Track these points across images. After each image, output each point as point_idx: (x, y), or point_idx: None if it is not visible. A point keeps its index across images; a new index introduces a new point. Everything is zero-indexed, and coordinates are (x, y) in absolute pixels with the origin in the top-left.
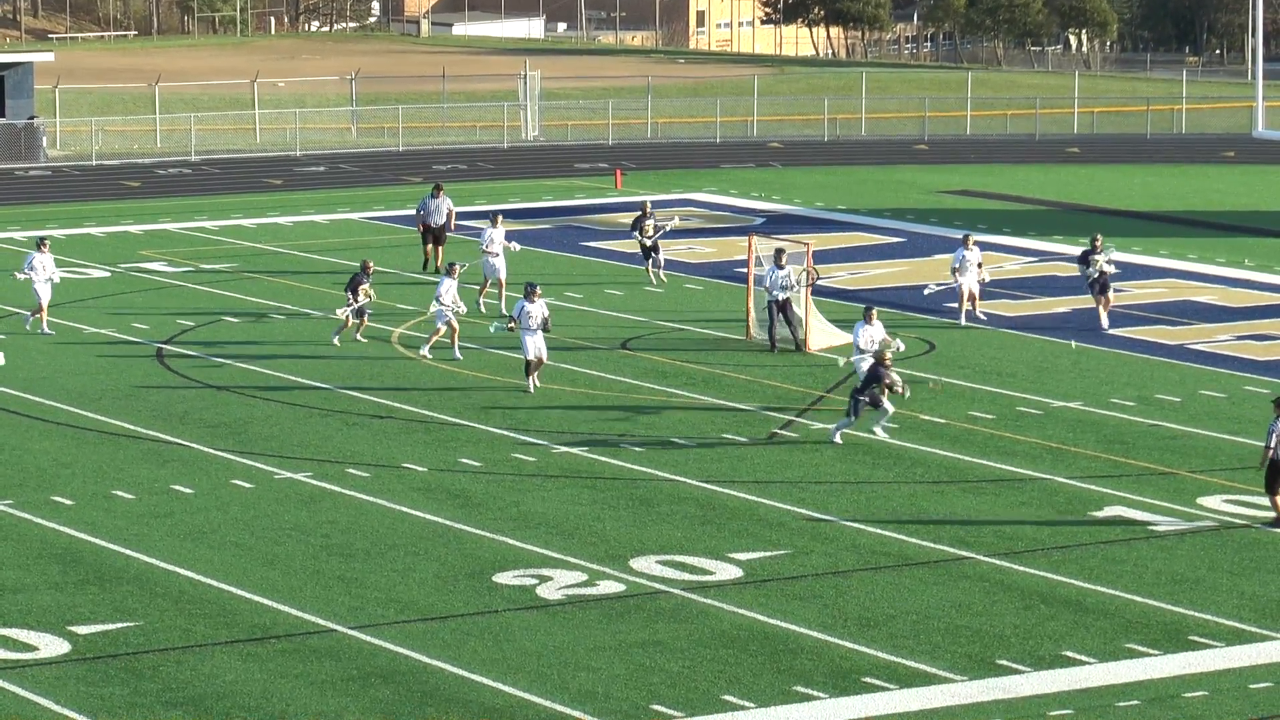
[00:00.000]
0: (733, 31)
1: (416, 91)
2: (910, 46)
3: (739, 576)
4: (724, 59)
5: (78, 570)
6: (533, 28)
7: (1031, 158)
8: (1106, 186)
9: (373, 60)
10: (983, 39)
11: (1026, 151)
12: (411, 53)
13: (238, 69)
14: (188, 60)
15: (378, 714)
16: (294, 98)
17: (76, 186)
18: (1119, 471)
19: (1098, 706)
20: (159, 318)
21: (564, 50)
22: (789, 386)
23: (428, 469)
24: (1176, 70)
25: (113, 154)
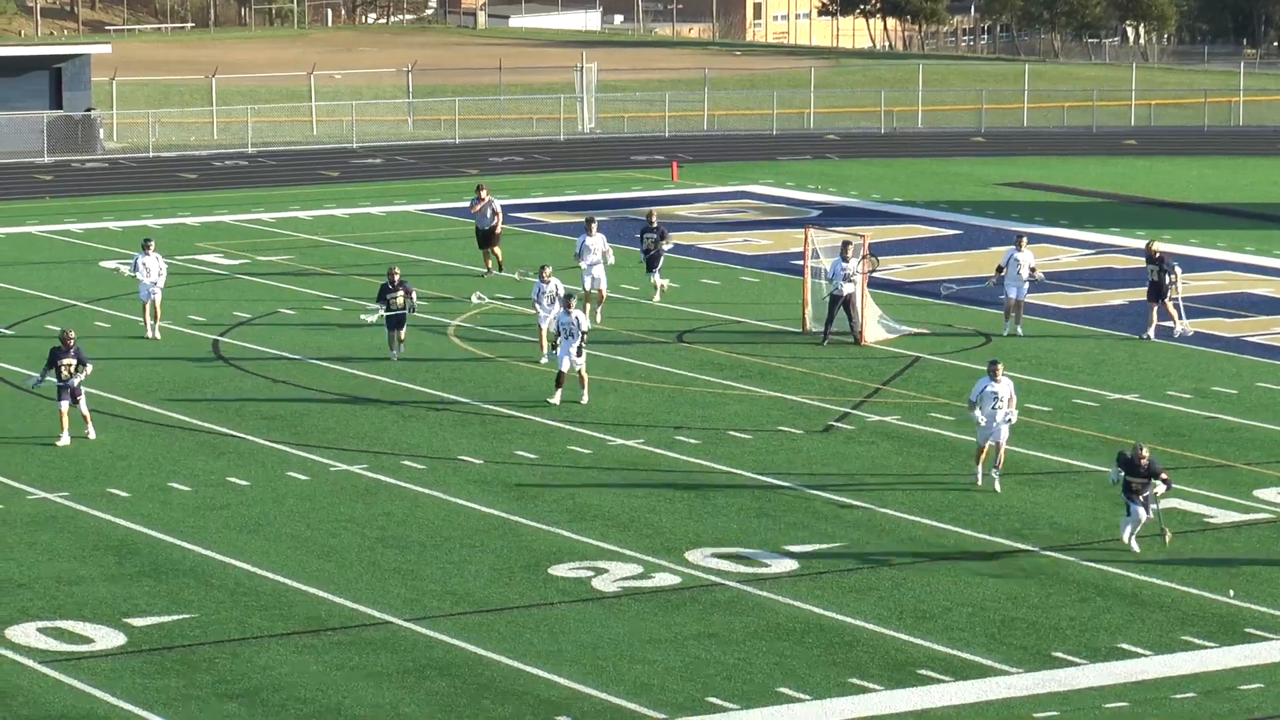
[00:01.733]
0: (789, 23)
1: (473, 84)
2: (967, 39)
3: (794, 569)
4: (780, 51)
5: (133, 562)
6: (589, 20)
7: (1088, 150)
8: (1164, 179)
9: (429, 53)
10: (1040, 31)
11: (1083, 144)
12: (468, 45)
13: (294, 61)
14: (244, 52)
15: (434, 706)
16: (350, 90)
17: (133, 178)
18: (1175, 464)
19: (1153, 699)
20: (215, 309)
21: (620, 42)
22: (845, 379)
23: (484, 461)
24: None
25: (169, 146)
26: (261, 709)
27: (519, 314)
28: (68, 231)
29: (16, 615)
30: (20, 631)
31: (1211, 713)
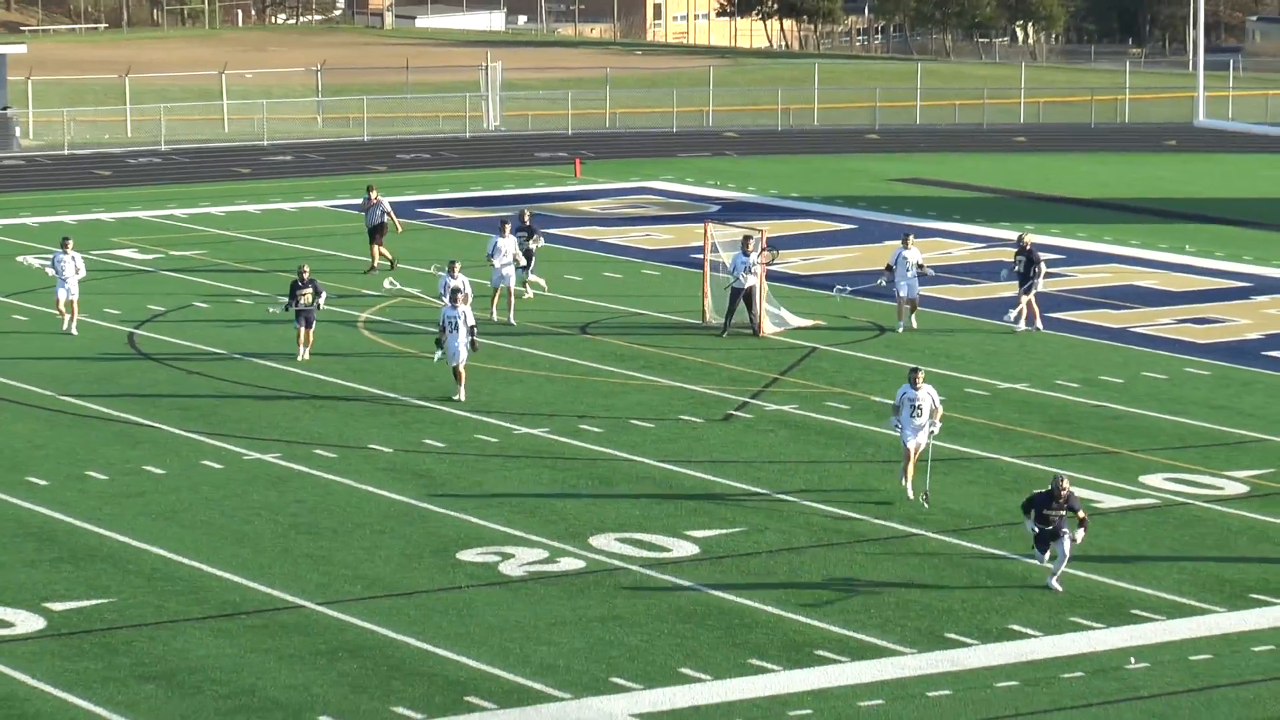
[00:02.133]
0: (689, 24)
1: (381, 83)
2: (862, 39)
3: (696, 553)
4: (680, 51)
5: (52, 548)
6: (494, 20)
7: (979, 147)
8: (1052, 174)
9: (338, 52)
10: (932, 31)
11: (975, 140)
12: (375, 45)
13: (206, 60)
14: (157, 52)
15: (346, 687)
16: (261, 89)
17: (49, 175)
18: (1064, 451)
19: (1043, 678)
20: (130, 303)
21: (524, 42)
22: (744, 369)
23: (393, 450)
24: (1120, 61)
25: (84, 144)
26: (179, 690)
27: (429, 305)
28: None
29: None
30: None
31: (1099, 691)
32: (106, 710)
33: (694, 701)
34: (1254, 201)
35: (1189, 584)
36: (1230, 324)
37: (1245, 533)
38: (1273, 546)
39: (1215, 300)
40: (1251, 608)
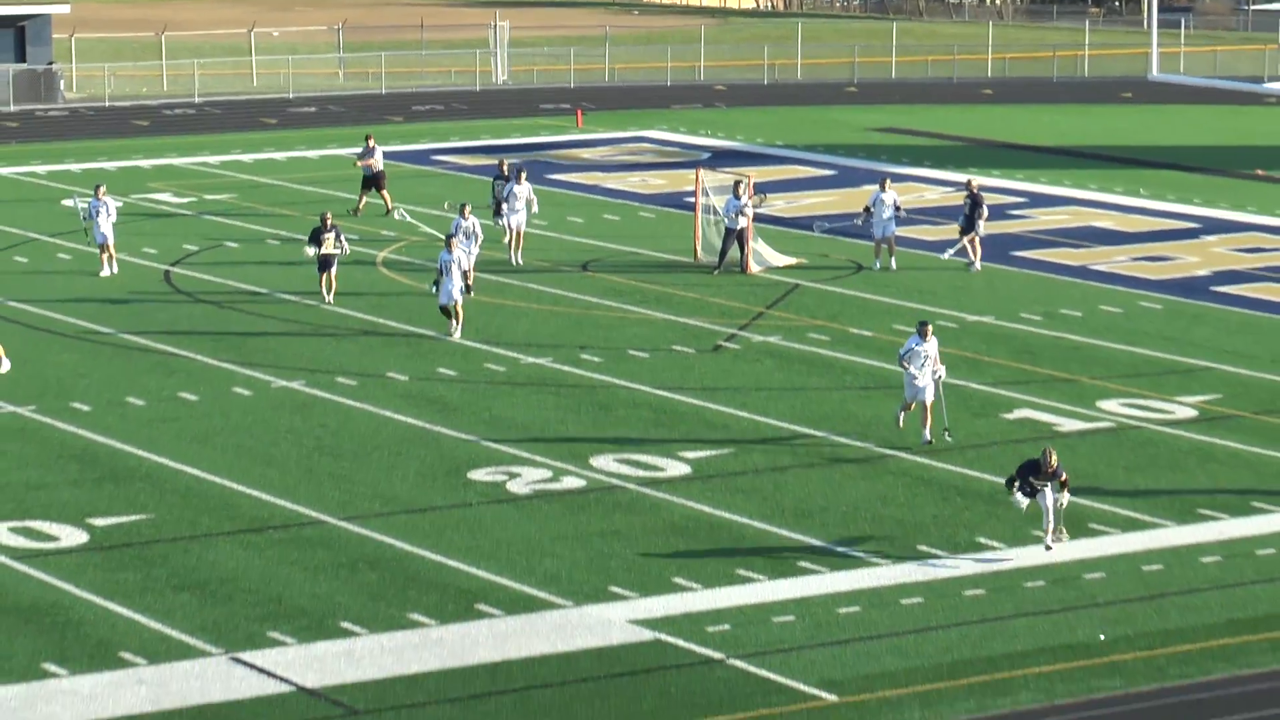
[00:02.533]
0: None
1: (397, 40)
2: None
3: (688, 473)
4: (674, 11)
5: (95, 469)
6: None
7: (950, 99)
8: (1017, 124)
9: (358, 11)
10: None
11: (945, 93)
12: (393, 5)
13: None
14: (191, 12)
15: (365, 596)
16: (287, 45)
17: (91, 125)
18: (1027, 379)
19: (1007, 586)
20: (166, 243)
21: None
22: (732, 304)
23: (409, 378)
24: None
25: (123, 96)
26: (211, 599)
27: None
28: (33, 173)
29: None
30: None
31: (1059, 599)
32: (145, 617)
33: (686, 609)
34: (1202, 149)
35: (1142, 501)
36: (1181, 261)
37: (1194, 453)
38: (1219, 466)
39: (1167, 240)
40: (1199, 522)
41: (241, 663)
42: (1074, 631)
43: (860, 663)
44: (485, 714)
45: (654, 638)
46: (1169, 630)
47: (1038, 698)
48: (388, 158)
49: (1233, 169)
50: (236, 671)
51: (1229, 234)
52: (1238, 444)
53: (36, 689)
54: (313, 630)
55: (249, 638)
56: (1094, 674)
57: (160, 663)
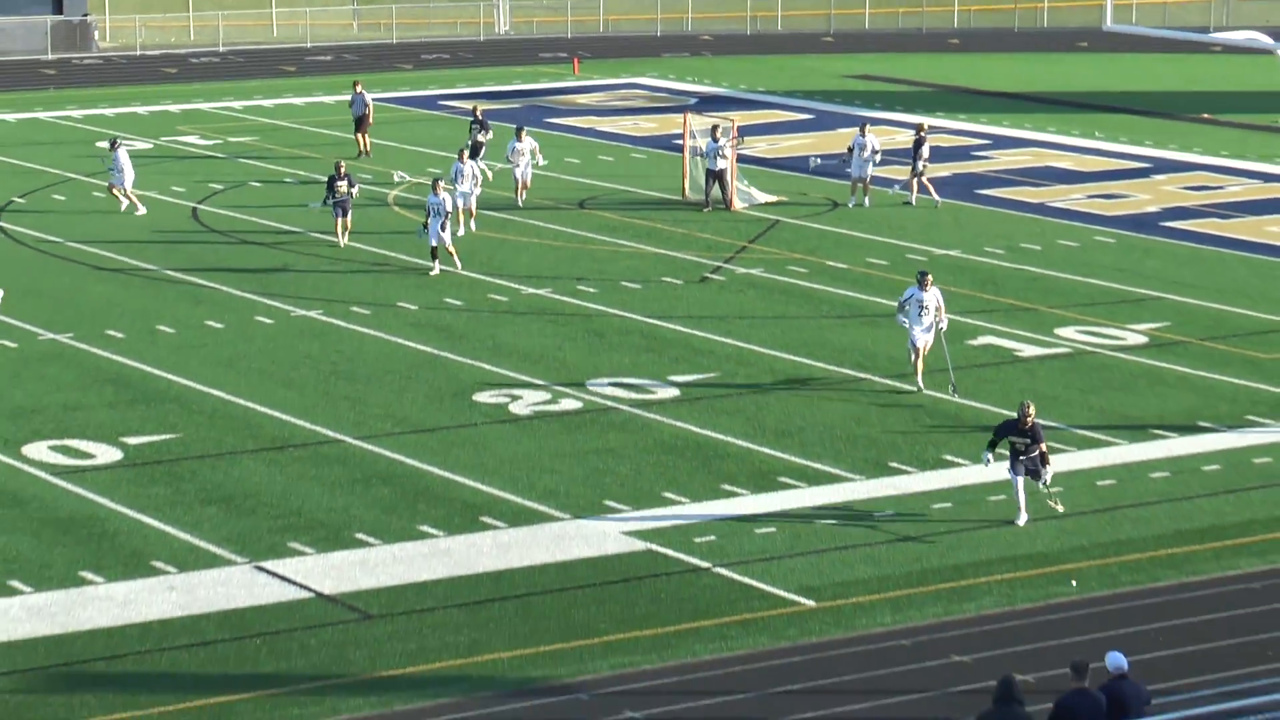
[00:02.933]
0: None
1: None
2: None
3: (676, 395)
4: None
5: (128, 391)
6: None
7: (919, 48)
8: (981, 72)
9: None
10: None
11: (915, 42)
12: None
13: None
14: None
15: (378, 509)
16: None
17: (123, 73)
18: (990, 308)
19: (972, 500)
20: (193, 182)
21: None
22: (717, 238)
23: (418, 307)
24: None
25: (153, 45)
26: (236, 512)
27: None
28: (69, 117)
29: (30, 435)
30: (34, 449)
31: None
32: (174, 529)
33: (675, 521)
34: (1153, 94)
35: (1097, 420)
36: (1133, 199)
37: (1144, 377)
38: (1168, 388)
39: (1120, 179)
40: (1149, 440)
41: (264, 571)
42: (1033, 542)
43: (836, 571)
44: (489, 618)
45: (645, 548)
46: (1121, 540)
47: (1000, 603)
48: (400, 104)
49: (1181, 113)
50: (259, 579)
51: (1178, 173)
52: (1185, 368)
53: (75, 595)
54: (330, 541)
55: (271, 548)
56: (1051, 581)
57: (189, 571)
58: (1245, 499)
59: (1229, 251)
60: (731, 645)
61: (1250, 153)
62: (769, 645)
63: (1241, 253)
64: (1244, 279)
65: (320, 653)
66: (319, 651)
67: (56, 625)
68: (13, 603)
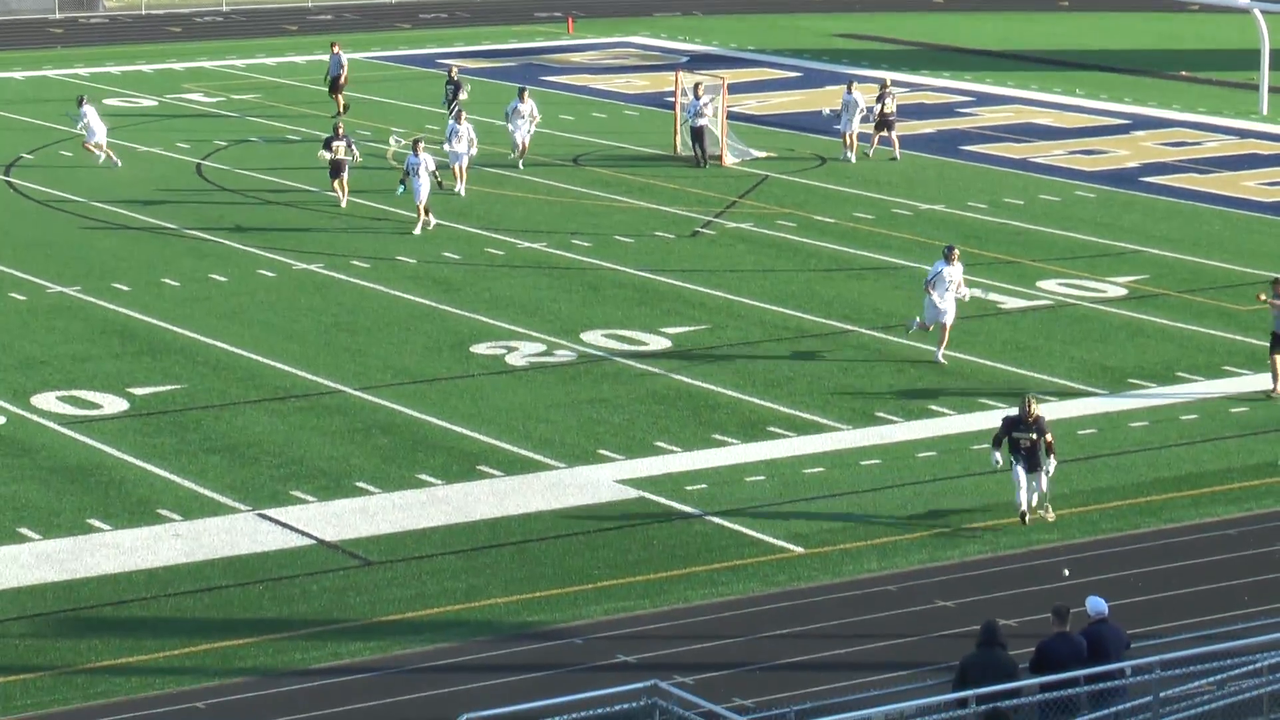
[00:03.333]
0: None
1: None
2: None
3: (669, 347)
4: None
5: (134, 343)
6: None
7: (905, 7)
8: (965, 30)
9: None
10: None
11: (901, 2)
12: None
13: None
14: None
15: (378, 458)
16: None
17: (129, 31)
18: (974, 261)
19: (956, 449)
20: (198, 138)
21: None
22: (708, 194)
23: (417, 261)
24: None
25: (159, 5)
26: (240, 460)
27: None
28: (76, 75)
29: (39, 386)
30: (42, 399)
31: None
32: (180, 477)
33: (667, 470)
34: (1132, 52)
35: (1078, 371)
36: (1112, 155)
37: (1124, 328)
38: (1146, 340)
39: (1100, 135)
40: (1128, 391)
41: (267, 518)
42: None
43: (824, 518)
44: (487, 564)
45: (638, 495)
46: (1101, 488)
47: (983, 549)
48: (398, 62)
49: (1160, 70)
50: (263, 526)
51: (1156, 130)
52: (1163, 320)
53: (83, 542)
54: (331, 489)
55: (273, 496)
56: (1034, 529)
57: (194, 518)
58: (1222, 447)
59: (1206, 206)
60: (722, 591)
61: (1227, 109)
62: (759, 591)
63: (1218, 207)
64: (1221, 233)
65: (321, 598)
66: (320, 597)
67: (65, 571)
68: (22, 549)
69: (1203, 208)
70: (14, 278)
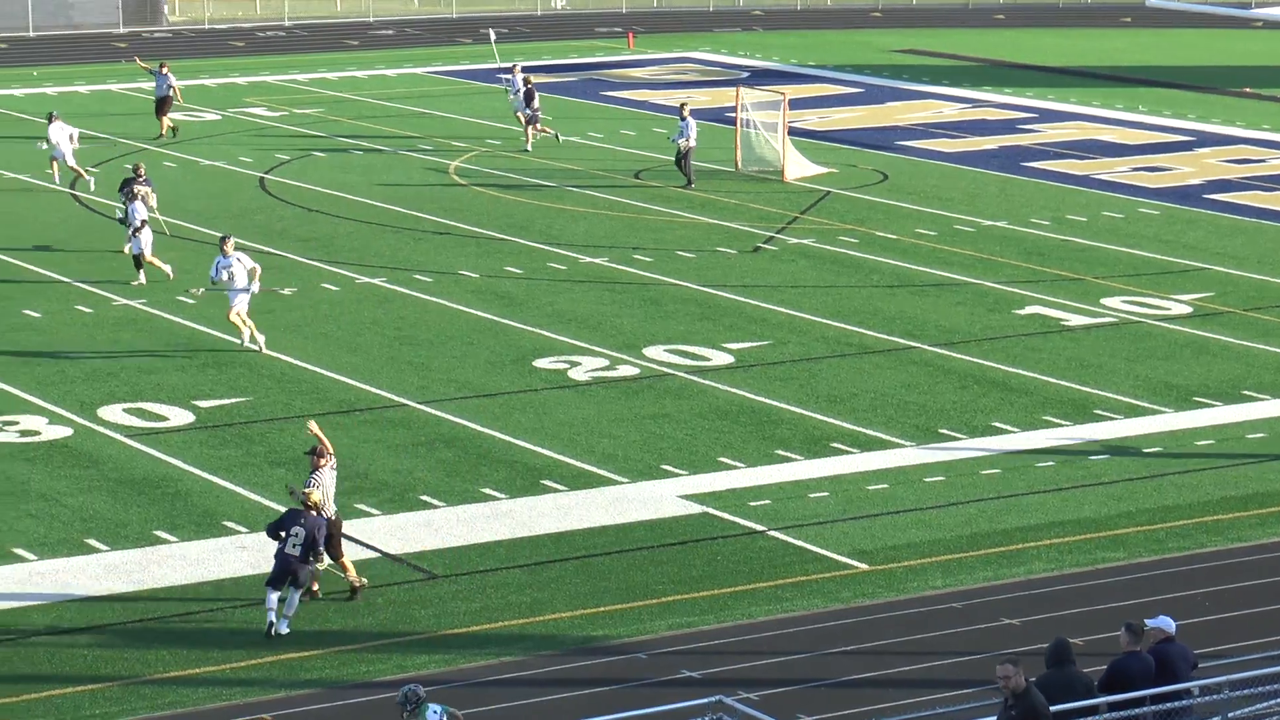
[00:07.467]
0: None
1: None
2: None
3: (731, 362)
4: None
5: (199, 356)
6: None
7: (966, 23)
8: (1026, 46)
9: None
10: None
11: (962, 18)
12: None
13: None
14: None
15: (441, 472)
16: None
17: (192, 46)
18: (1037, 278)
19: (1020, 466)
20: (260, 152)
21: None
22: (770, 209)
23: (479, 275)
24: None
25: (221, 19)
26: (304, 473)
27: (507, 157)
28: (140, 89)
29: (105, 398)
30: (109, 411)
31: (1068, 477)
32: (244, 489)
33: (730, 485)
34: (1196, 69)
35: (1142, 388)
36: (1176, 171)
37: (1189, 346)
38: (1212, 357)
39: (1164, 152)
40: (1194, 409)
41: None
42: (1081, 507)
43: (888, 535)
44: (550, 579)
45: (701, 511)
46: (1167, 507)
47: (1048, 567)
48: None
49: (1224, 87)
50: None
51: (1220, 146)
52: (1229, 337)
53: (149, 553)
54: (395, 502)
55: (339, 509)
56: (1099, 546)
57: (259, 530)
58: None
59: (1271, 223)
60: (786, 606)
61: None
62: (823, 607)
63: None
64: None
65: (387, 611)
66: (385, 610)
67: (132, 582)
68: (90, 560)
69: (1267, 225)
70: (80, 290)
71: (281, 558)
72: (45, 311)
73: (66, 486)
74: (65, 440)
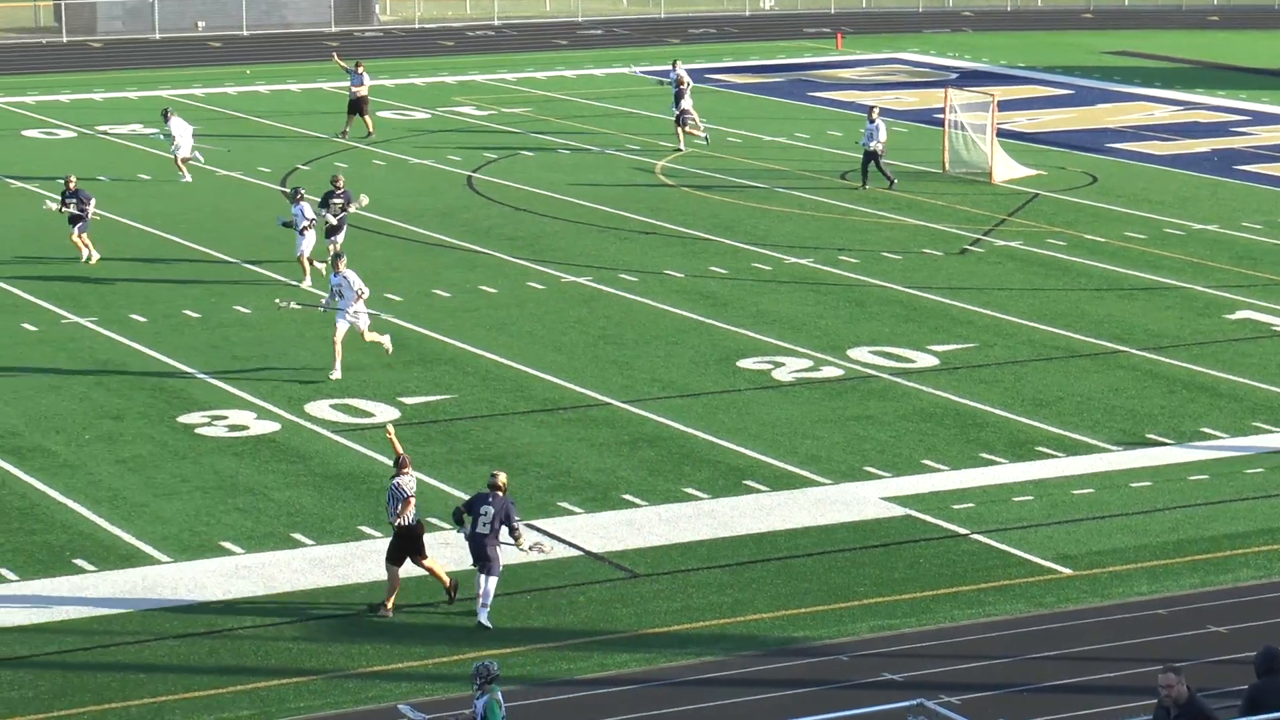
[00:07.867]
0: None
1: None
2: None
3: (936, 364)
4: None
5: (405, 353)
6: None
7: (1178, 24)
8: (1240, 48)
9: None
10: None
11: (1174, 19)
12: None
13: None
14: None
15: (644, 471)
16: None
17: (402, 45)
18: (1248, 282)
19: (1229, 472)
20: (468, 151)
21: None
22: (977, 211)
23: (684, 275)
24: None
25: (431, 19)
26: (507, 471)
27: (710, 156)
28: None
29: (313, 394)
30: (316, 407)
31: (1277, 484)
32: (449, 486)
33: (934, 488)
34: None
35: None
36: None
37: None
38: None
39: None
40: None
41: (534, 528)
42: None
43: (1093, 540)
44: (751, 579)
45: (904, 513)
46: None
47: (1257, 575)
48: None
49: None
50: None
51: None
52: None
53: (354, 548)
54: (598, 501)
55: (541, 506)
56: None
57: None
58: None
59: None
60: (988, 611)
61: None
62: (1026, 611)
63: None
64: None
65: (588, 609)
66: (587, 608)
67: (337, 577)
68: (296, 554)
69: None
70: (288, 288)
71: (474, 539)
72: (255, 308)
73: (273, 481)
74: (273, 435)
